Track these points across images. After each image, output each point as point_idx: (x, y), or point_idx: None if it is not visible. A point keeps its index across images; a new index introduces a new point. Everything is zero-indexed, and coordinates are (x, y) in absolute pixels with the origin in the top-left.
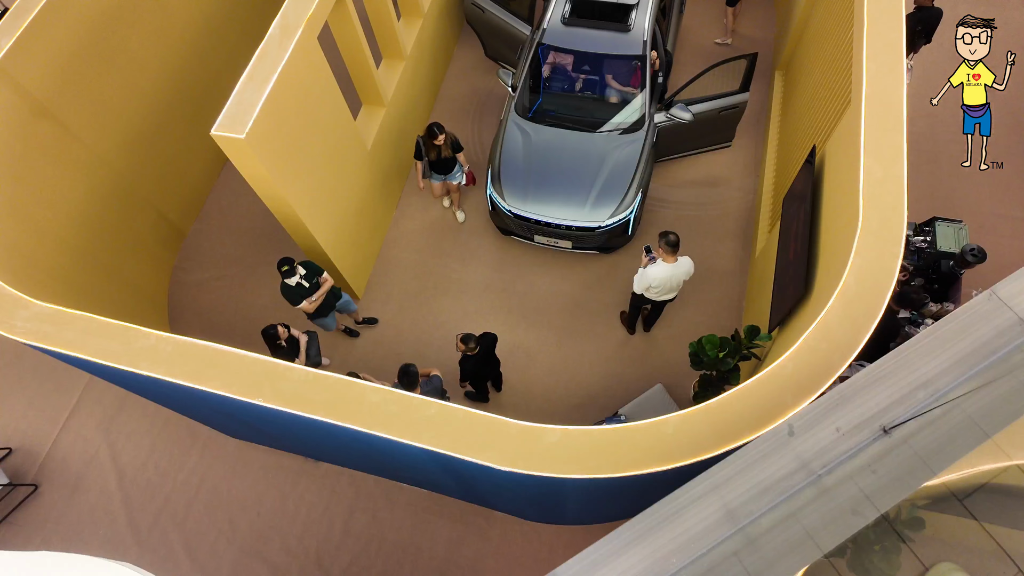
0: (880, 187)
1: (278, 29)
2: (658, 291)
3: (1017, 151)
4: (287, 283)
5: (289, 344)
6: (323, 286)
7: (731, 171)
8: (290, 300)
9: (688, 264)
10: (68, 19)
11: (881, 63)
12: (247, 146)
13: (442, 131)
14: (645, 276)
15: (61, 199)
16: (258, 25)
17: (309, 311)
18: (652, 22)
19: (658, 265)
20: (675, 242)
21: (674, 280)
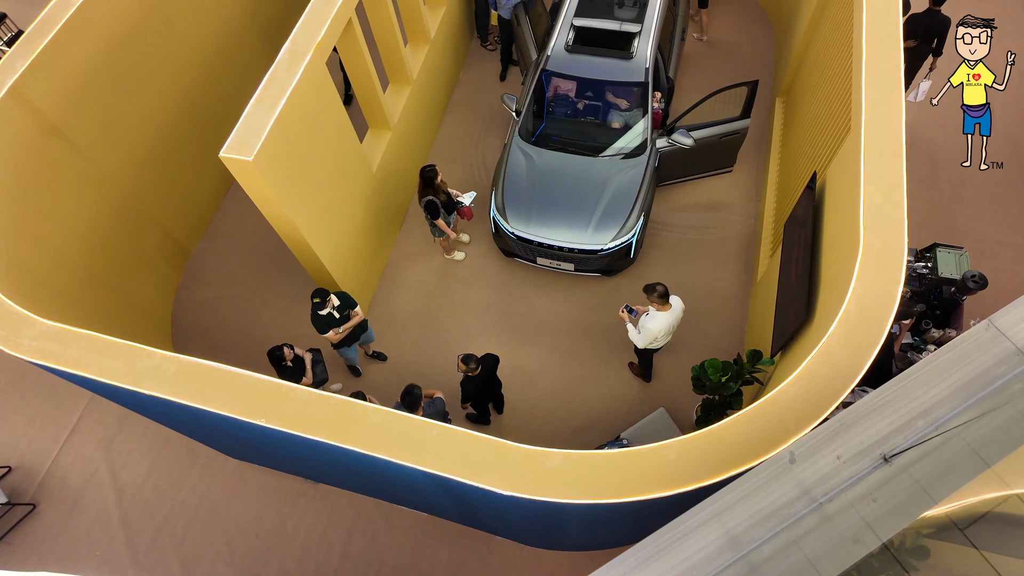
0: (880, 213)
1: (287, 54)
2: (664, 337)
3: (1017, 178)
4: (319, 313)
5: (295, 364)
6: (353, 319)
7: (732, 196)
8: (318, 328)
9: (680, 304)
10: (82, 42)
11: (880, 91)
12: (255, 168)
13: (434, 168)
14: (647, 332)
15: (69, 217)
16: (267, 49)
17: (334, 341)
18: (654, 50)
19: (655, 317)
20: (664, 292)
21: (675, 323)
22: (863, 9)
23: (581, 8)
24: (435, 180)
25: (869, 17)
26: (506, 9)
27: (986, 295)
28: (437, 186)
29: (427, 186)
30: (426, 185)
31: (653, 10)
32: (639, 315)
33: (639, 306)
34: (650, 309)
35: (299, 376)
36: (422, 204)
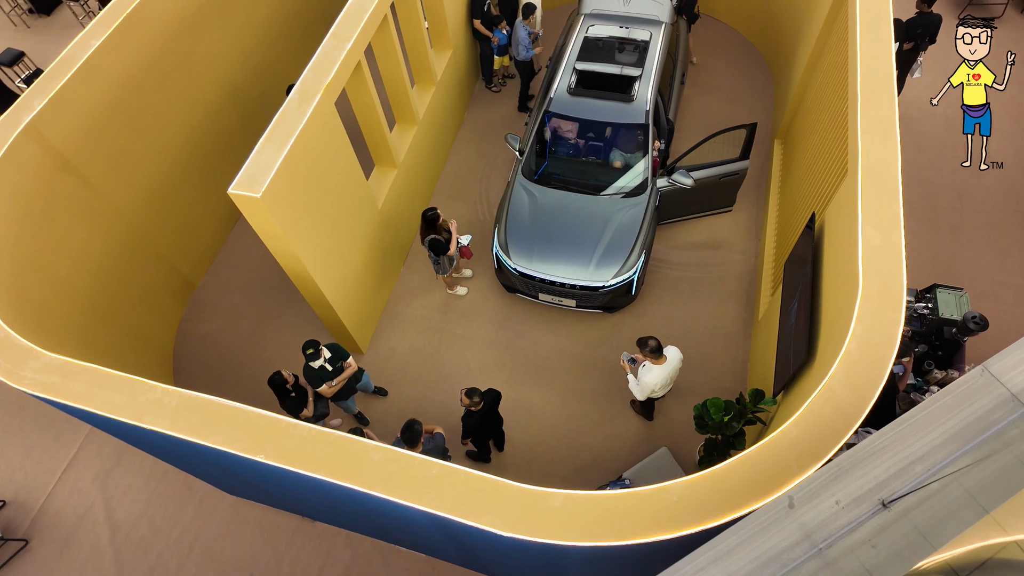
0: (879, 254)
1: (297, 94)
2: (662, 389)
3: (1015, 220)
4: (311, 366)
5: (297, 393)
6: (346, 371)
7: (733, 234)
8: (311, 383)
9: (677, 355)
10: (98, 82)
11: (875, 135)
12: (262, 205)
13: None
14: (644, 385)
15: (78, 251)
16: (277, 88)
17: (329, 395)
18: (654, 93)
19: (651, 370)
20: (656, 346)
21: (672, 374)
22: (857, 56)
23: (583, 53)
24: (437, 222)
25: (864, 64)
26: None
27: (988, 336)
28: (439, 227)
29: (429, 228)
30: (428, 227)
31: (653, 55)
32: (639, 364)
33: (638, 355)
34: (645, 362)
35: (301, 406)
36: (425, 243)
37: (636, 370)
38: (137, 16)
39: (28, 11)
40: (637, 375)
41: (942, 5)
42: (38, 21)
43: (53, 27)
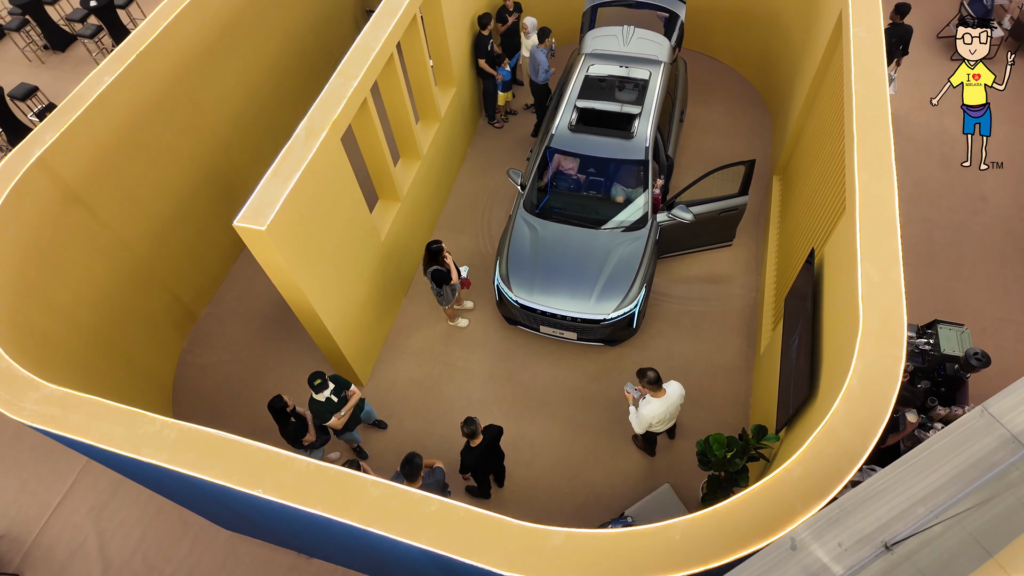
0: (878, 290)
1: (304, 130)
2: (660, 424)
3: (1014, 256)
4: (317, 398)
5: (297, 420)
6: (351, 400)
7: (733, 268)
8: (319, 416)
9: (678, 390)
10: (109, 117)
11: (872, 173)
12: (267, 237)
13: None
14: (643, 418)
15: (82, 282)
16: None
17: (338, 427)
18: (654, 130)
19: (650, 403)
20: (655, 378)
21: (671, 409)
22: (852, 96)
23: (584, 91)
24: (441, 255)
25: (859, 103)
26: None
27: (991, 372)
28: (442, 260)
29: (432, 260)
30: (432, 259)
31: (652, 94)
32: (641, 396)
33: (640, 387)
34: (646, 394)
35: (302, 433)
36: (427, 275)
37: (637, 402)
38: (150, 53)
39: (43, 47)
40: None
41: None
42: (52, 57)
43: (67, 63)
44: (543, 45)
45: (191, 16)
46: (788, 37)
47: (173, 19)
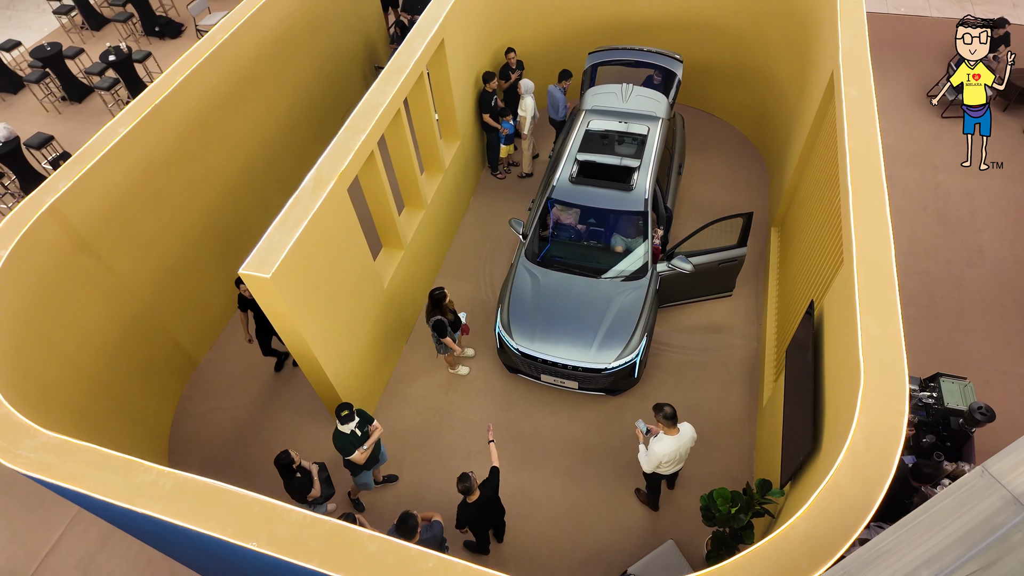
0: (878, 344)
1: (312, 180)
2: (669, 464)
3: (1013, 309)
4: (342, 430)
5: (302, 474)
6: (373, 435)
7: (734, 319)
8: (342, 449)
9: (691, 431)
10: (122, 166)
11: (868, 227)
12: (271, 285)
13: (444, 290)
14: (653, 455)
15: (86, 328)
16: (294, 174)
17: (361, 461)
18: (652, 182)
19: (662, 440)
20: (672, 414)
21: (682, 450)
22: (846, 152)
23: (584, 145)
24: (443, 302)
25: (852, 159)
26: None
27: (997, 427)
28: (444, 307)
29: (435, 307)
30: (434, 306)
31: (651, 148)
32: (652, 434)
33: (652, 425)
34: (659, 432)
35: (307, 488)
36: (430, 323)
37: (648, 440)
38: (165, 106)
39: (61, 98)
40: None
41: (926, 106)
42: (69, 108)
43: (83, 113)
44: (561, 84)
45: (206, 71)
46: (782, 94)
47: (189, 74)
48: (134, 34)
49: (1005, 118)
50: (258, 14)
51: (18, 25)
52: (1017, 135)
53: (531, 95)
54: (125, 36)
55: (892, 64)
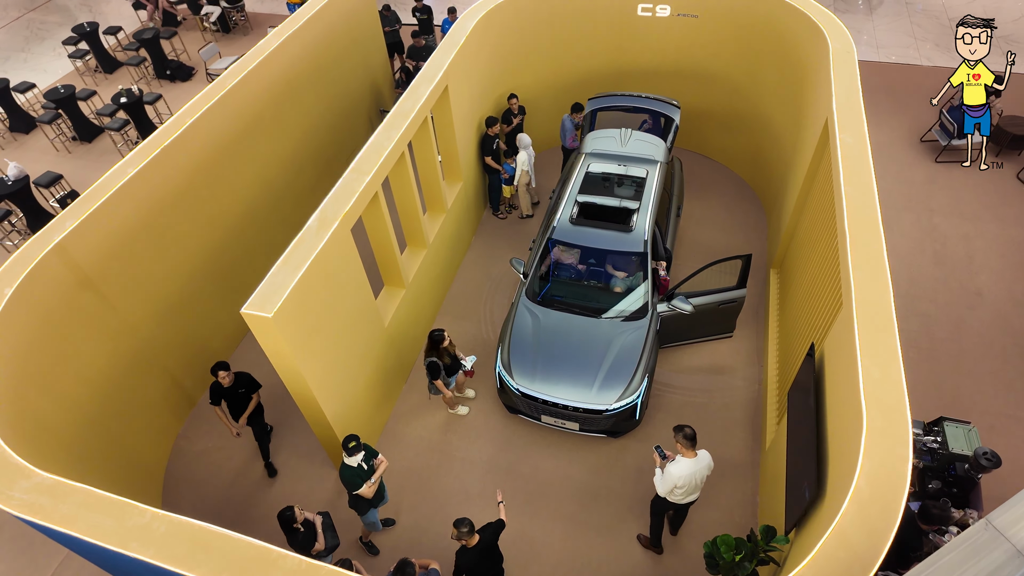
0: (880, 388)
1: (316, 221)
2: (683, 491)
3: (1015, 353)
4: (348, 463)
5: (306, 528)
6: (379, 468)
7: (735, 360)
8: (350, 483)
9: (707, 458)
10: (129, 206)
11: (866, 271)
12: (273, 324)
13: (444, 332)
14: (669, 476)
15: (85, 366)
16: (298, 214)
17: (370, 495)
18: (652, 224)
19: (679, 462)
20: (692, 435)
21: (697, 476)
22: (842, 196)
23: (585, 187)
24: (442, 343)
25: (849, 203)
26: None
27: (1003, 473)
28: (443, 349)
29: (433, 347)
30: (432, 346)
31: (650, 190)
32: (668, 460)
33: (670, 452)
34: (676, 456)
35: (311, 542)
36: (425, 363)
37: (664, 465)
38: (174, 148)
39: (71, 138)
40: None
41: (920, 151)
42: (79, 147)
43: (92, 153)
44: (574, 116)
45: (215, 114)
46: (778, 139)
47: (198, 117)
48: (146, 77)
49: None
50: (268, 59)
51: (33, 68)
52: (1011, 180)
53: (526, 149)
54: (137, 79)
55: (885, 110)
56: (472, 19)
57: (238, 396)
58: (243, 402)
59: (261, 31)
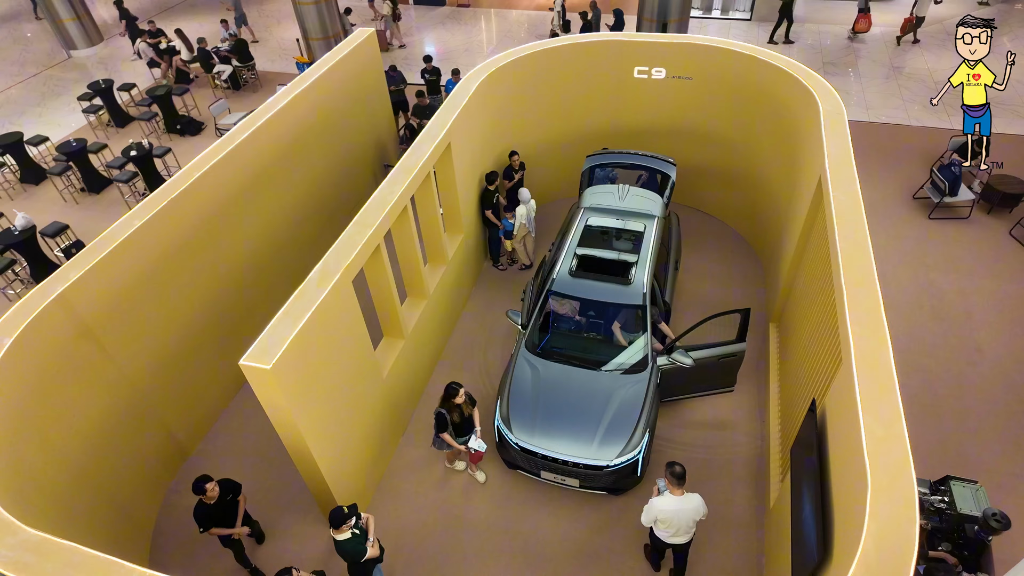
0: (883, 446)
1: (318, 273)
2: (666, 527)
3: (1019, 410)
4: (341, 538)
5: None
6: (370, 525)
7: (736, 415)
8: (353, 553)
9: (697, 501)
10: (134, 257)
11: (864, 327)
12: (271, 376)
13: (460, 387)
14: (651, 508)
15: (79, 418)
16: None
17: (376, 555)
18: (650, 277)
19: (665, 497)
20: (680, 473)
21: (682, 516)
22: (838, 253)
23: (583, 240)
24: (454, 397)
25: (844, 259)
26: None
27: (1013, 534)
28: (454, 403)
29: (445, 399)
30: (445, 398)
31: (648, 244)
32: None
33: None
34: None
35: None
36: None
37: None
38: (180, 200)
39: (80, 190)
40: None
41: (913, 208)
42: (87, 198)
43: (99, 204)
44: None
45: (222, 168)
46: (773, 196)
47: (206, 170)
48: (156, 131)
49: (990, 220)
50: (276, 116)
51: (48, 122)
52: (1004, 236)
53: (526, 204)
54: (148, 133)
55: (877, 168)
56: (476, 80)
57: (226, 505)
58: (233, 509)
59: (270, 89)
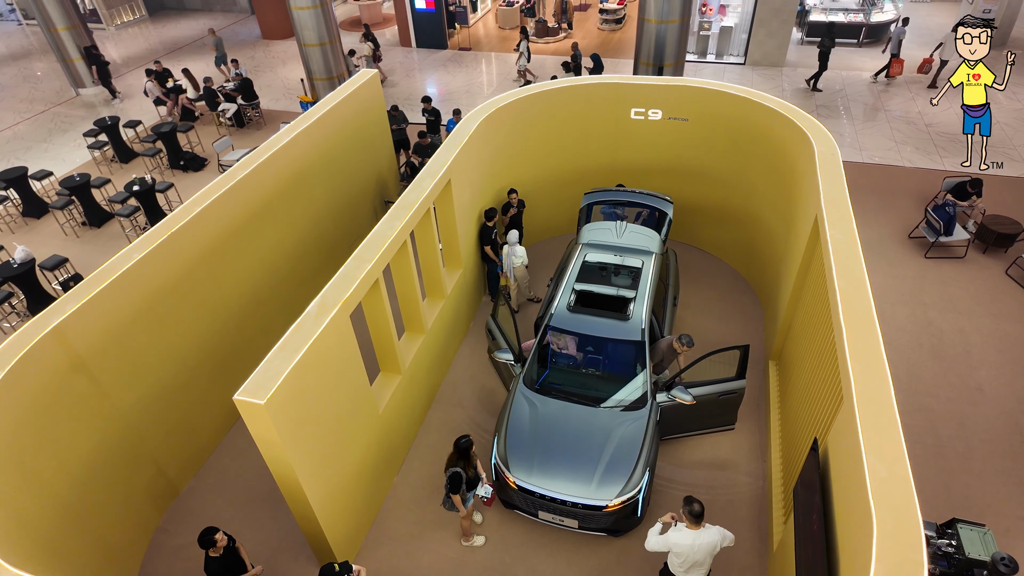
0: (887, 487)
1: (316, 307)
2: (682, 562)
3: (1022, 450)
4: None
5: None
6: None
7: (737, 454)
8: None
9: (715, 534)
10: (131, 291)
11: (864, 364)
12: (265, 411)
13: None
14: (666, 539)
15: (69, 453)
16: (299, 299)
17: None
18: (648, 312)
19: (682, 531)
20: (699, 512)
21: (698, 551)
22: (836, 291)
23: (582, 275)
24: (470, 451)
25: (843, 297)
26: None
27: None
28: (471, 457)
29: (460, 456)
30: (460, 456)
31: (646, 280)
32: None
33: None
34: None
35: None
36: (447, 473)
37: (668, 522)
38: (180, 235)
39: (81, 223)
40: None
41: (909, 247)
42: (88, 232)
43: (100, 238)
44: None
45: (224, 204)
46: (770, 234)
47: (207, 205)
48: (160, 167)
49: (986, 260)
50: (279, 153)
51: (53, 157)
52: (1000, 276)
53: (512, 247)
54: (151, 168)
55: (872, 208)
56: (476, 119)
57: (232, 553)
58: (236, 555)
59: (274, 126)
